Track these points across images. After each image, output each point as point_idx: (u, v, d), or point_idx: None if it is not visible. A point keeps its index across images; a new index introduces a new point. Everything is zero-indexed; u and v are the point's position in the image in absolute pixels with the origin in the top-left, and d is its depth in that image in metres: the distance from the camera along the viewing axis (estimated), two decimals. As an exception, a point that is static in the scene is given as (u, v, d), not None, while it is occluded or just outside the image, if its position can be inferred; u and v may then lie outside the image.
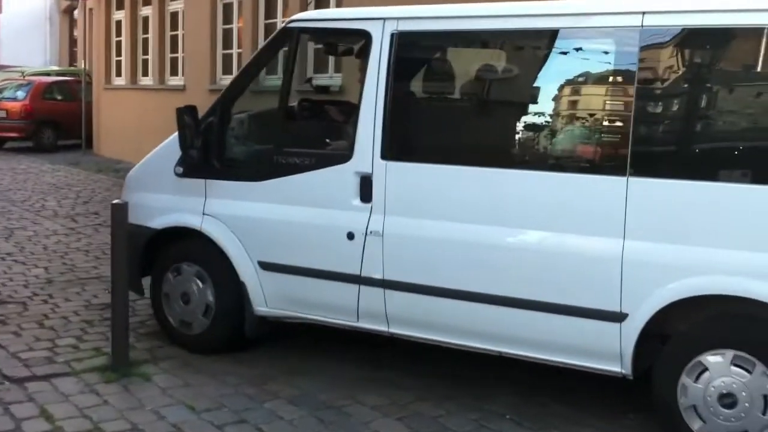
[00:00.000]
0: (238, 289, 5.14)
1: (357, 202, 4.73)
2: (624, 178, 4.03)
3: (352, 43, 5.40)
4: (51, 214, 10.49)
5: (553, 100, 4.51)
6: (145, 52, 16.70)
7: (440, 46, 5.02)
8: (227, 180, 5.21)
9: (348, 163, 4.77)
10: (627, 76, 4.17)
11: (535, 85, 4.67)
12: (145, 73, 16.73)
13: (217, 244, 5.18)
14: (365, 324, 4.82)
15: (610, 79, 4.35)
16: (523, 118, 4.62)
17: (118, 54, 17.70)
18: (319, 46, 7.67)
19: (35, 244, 8.60)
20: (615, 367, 4.13)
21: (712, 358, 3.89)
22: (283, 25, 5.30)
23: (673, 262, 3.95)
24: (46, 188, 12.79)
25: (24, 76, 19.93)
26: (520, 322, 4.32)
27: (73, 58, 26.43)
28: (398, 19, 4.71)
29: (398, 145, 4.69)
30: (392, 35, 4.65)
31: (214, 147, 5.20)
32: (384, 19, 4.72)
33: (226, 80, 11.24)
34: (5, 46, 26.61)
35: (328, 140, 5.16)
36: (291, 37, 5.11)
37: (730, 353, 3.85)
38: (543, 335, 4.29)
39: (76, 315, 6.09)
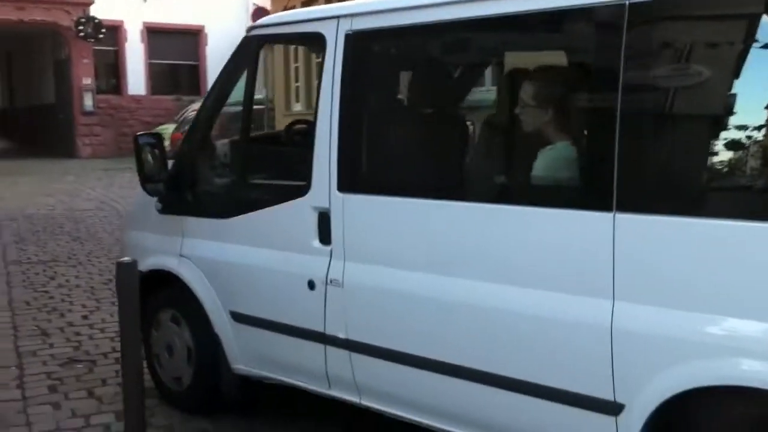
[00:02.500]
0: (214, 343, 4.45)
1: (316, 243, 3.89)
2: (609, 215, 2.89)
3: (313, 51, 4.66)
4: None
5: (544, 108, 3.46)
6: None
7: (407, 47, 4.03)
8: (200, 217, 4.55)
9: (306, 196, 3.92)
10: (611, 69, 2.92)
11: (526, 91, 3.55)
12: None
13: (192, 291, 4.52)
14: (337, 393, 3.96)
15: (594, 75, 3.20)
16: (510, 136, 3.63)
17: (296, 81, 17.52)
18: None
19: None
20: None
21: None
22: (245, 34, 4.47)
23: (679, 333, 2.77)
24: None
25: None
26: (501, 405, 3.28)
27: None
28: (353, 15, 3.77)
29: (356, 173, 3.81)
30: (347, 36, 3.74)
31: (186, 179, 4.59)
32: (338, 17, 3.81)
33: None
34: (210, 77, 27.53)
35: (289, 169, 4.30)
36: (251, 48, 4.33)
37: None
38: (532, 426, 3.22)
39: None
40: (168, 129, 20.38)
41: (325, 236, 3.85)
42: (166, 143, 18.86)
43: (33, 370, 5.55)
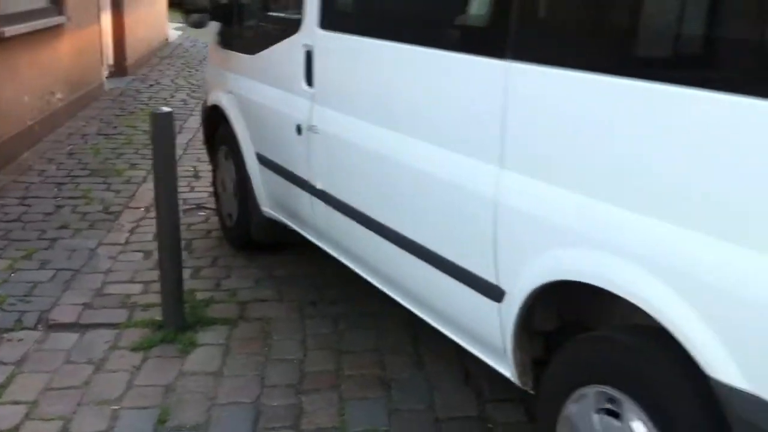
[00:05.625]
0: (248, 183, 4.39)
1: (304, 85, 3.66)
2: (502, 63, 2.37)
3: None
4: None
5: None
6: None
7: None
8: (239, 52, 4.41)
9: (298, 33, 3.68)
10: None
11: None
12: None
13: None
14: (324, 245, 3.76)
15: None
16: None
17: None
18: None
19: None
20: (502, 367, 2.63)
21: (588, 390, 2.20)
22: None
23: (559, 217, 2.22)
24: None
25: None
26: (405, 267, 3.01)
27: None
28: None
29: (335, 9, 3.47)
30: None
31: (230, 11, 4.45)
32: None
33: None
34: None
35: (297, 4, 3.79)
36: None
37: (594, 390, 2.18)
38: (429, 293, 2.94)
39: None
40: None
41: (309, 77, 3.60)
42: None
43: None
